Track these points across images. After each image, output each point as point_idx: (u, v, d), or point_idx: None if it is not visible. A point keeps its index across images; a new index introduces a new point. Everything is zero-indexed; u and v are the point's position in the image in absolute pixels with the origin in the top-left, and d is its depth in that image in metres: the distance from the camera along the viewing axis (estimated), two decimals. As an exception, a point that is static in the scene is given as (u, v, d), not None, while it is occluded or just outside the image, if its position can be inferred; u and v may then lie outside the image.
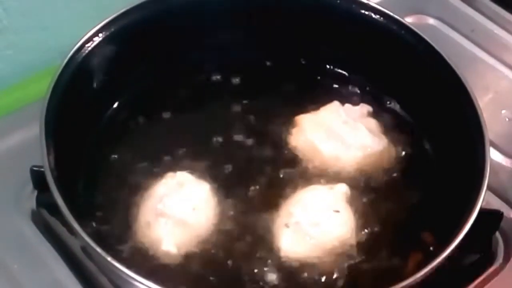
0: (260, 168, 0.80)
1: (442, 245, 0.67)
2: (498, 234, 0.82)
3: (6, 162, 0.84)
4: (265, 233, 0.75)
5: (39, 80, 0.81)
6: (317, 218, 0.74)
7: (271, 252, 0.74)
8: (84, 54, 0.79)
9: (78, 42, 0.79)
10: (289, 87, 0.90)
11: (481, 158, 0.73)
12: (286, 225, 0.74)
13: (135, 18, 0.83)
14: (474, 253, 0.79)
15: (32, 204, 0.81)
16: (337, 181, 0.79)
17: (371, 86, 0.89)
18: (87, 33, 0.80)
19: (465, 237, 0.67)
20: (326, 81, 0.92)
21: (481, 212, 0.69)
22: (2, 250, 0.77)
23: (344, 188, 0.78)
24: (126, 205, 0.77)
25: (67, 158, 0.74)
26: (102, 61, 0.81)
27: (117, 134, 0.84)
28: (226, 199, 0.78)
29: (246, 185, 0.79)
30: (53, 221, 0.79)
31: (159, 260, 0.72)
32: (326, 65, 0.92)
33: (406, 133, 0.84)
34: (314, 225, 0.74)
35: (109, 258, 0.65)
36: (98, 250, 0.65)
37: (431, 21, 1.06)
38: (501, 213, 0.80)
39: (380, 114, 0.85)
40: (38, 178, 0.77)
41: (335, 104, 0.86)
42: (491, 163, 0.73)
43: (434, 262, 0.66)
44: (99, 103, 0.84)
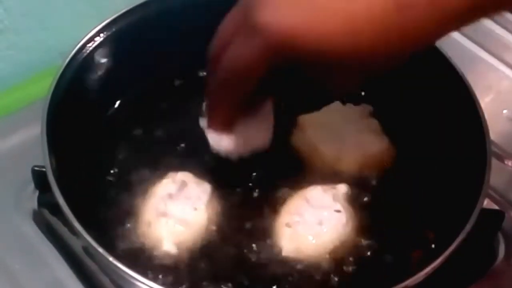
0: (261, 168, 0.80)
1: (444, 245, 0.67)
2: (499, 234, 0.82)
3: (8, 162, 0.84)
4: (266, 233, 0.75)
5: (40, 80, 0.81)
6: (318, 218, 0.74)
7: (272, 252, 0.74)
8: (85, 54, 0.79)
9: (79, 42, 0.79)
10: (289, 88, 0.90)
11: (482, 158, 0.73)
12: (287, 225, 0.74)
13: (137, 18, 0.83)
14: (475, 253, 0.79)
15: (33, 204, 0.81)
16: (338, 181, 0.79)
17: (372, 86, 0.89)
18: (88, 33, 0.80)
19: (466, 237, 0.67)
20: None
21: (482, 212, 0.69)
22: (3, 250, 0.77)
23: (345, 188, 0.78)
24: (127, 204, 0.77)
25: (69, 158, 0.74)
26: (104, 61, 0.82)
27: (118, 133, 0.84)
28: (228, 199, 0.78)
29: (247, 185, 0.79)
30: (54, 221, 0.79)
31: (161, 260, 0.72)
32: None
33: (406, 132, 0.84)
34: (316, 225, 0.74)
35: (110, 258, 0.65)
36: (100, 250, 0.65)
37: (432, 21, 1.05)
38: (503, 213, 0.80)
39: (381, 114, 0.85)
40: (39, 178, 0.78)
41: (336, 104, 0.86)
42: (493, 163, 0.73)
43: (435, 262, 0.66)
44: (101, 103, 0.84)
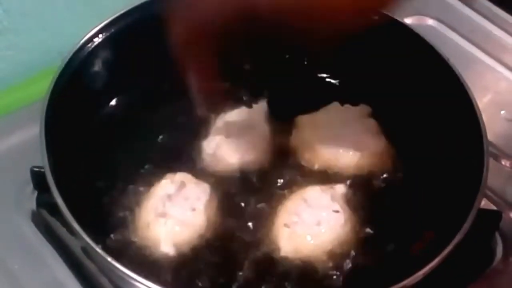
0: (259, 168, 0.81)
1: (441, 245, 0.67)
2: (497, 235, 0.82)
3: (6, 163, 0.84)
4: (265, 233, 0.75)
5: (39, 80, 0.81)
6: (316, 218, 0.74)
7: (271, 252, 0.74)
8: (84, 55, 0.80)
9: (78, 42, 0.79)
10: (289, 87, 0.90)
11: (480, 158, 0.73)
12: (286, 225, 0.74)
13: (135, 19, 0.83)
14: (473, 253, 0.79)
15: (32, 204, 0.81)
16: (336, 181, 0.79)
17: (371, 86, 0.89)
18: (87, 33, 0.80)
19: (464, 237, 0.67)
20: (325, 81, 0.92)
21: (480, 212, 0.69)
22: (2, 250, 0.77)
23: (343, 188, 0.78)
24: (126, 205, 0.77)
25: (67, 158, 0.74)
26: (102, 61, 0.82)
27: (116, 134, 0.83)
28: (226, 200, 0.78)
29: (246, 185, 0.79)
30: (53, 221, 0.79)
31: (159, 260, 0.72)
32: (325, 65, 0.92)
33: (405, 133, 0.85)
34: (314, 225, 0.74)
35: (109, 259, 0.65)
36: (99, 250, 0.65)
37: (430, 22, 1.06)
38: (500, 213, 0.80)
39: (379, 114, 0.85)
40: (38, 178, 0.78)
41: (335, 104, 0.86)
42: (490, 164, 0.73)
43: (432, 262, 0.66)
44: (99, 103, 0.84)
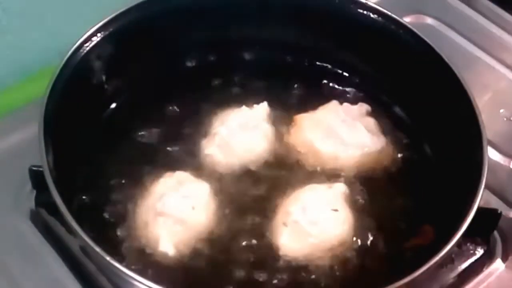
0: (259, 167, 0.80)
1: (440, 243, 0.67)
2: (496, 233, 0.82)
3: (5, 162, 0.84)
4: (263, 232, 0.75)
5: (38, 80, 0.81)
6: (315, 217, 0.74)
7: (270, 250, 0.74)
8: (82, 54, 0.80)
9: (77, 42, 0.79)
10: (288, 87, 0.90)
11: (479, 157, 0.73)
12: (285, 223, 0.75)
13: (134, 18, 0.83)
14: (472, 251, 0.79)
15: (31, 204, 0.81)
16: (335, 180, 0.79)
17: (370, 85, 0.89)
18: (86, 33, 0.80)
19: (463, 235, 0.67)
20: (324, 80, 0.92)
21: (479, 210, 0.69)
22: (1, 249, 0.77)
23: (342, 187, 0.78)
24: (125, 204, 0.77)
25: (66, 157, 0.74)
26: (101, 61, 0.82)
27: (115, 133, 0.83)
28: (225, 198, 0.78)
29: (245, 184, 0.79)
30: (52, 220, 0.79)
31: (158, 259, 0.72)
32: (324, 64, 0.92)
33: (404, 132, 0.85)
34: (313, 224, 0.74)
35: (108, 258, 0.65)
36: (97, 249, 0.65)
37: (430, 21, 1.06)
38: (499, 212, 0.80)
39: (378, 113, 0.85)
40: (37, 178, 0.77)
41: (334, 103, 0.86)
42: (490, 162, 0.73)
43: (432, 261, 0.66)
44: (98, 103, 0.84)
